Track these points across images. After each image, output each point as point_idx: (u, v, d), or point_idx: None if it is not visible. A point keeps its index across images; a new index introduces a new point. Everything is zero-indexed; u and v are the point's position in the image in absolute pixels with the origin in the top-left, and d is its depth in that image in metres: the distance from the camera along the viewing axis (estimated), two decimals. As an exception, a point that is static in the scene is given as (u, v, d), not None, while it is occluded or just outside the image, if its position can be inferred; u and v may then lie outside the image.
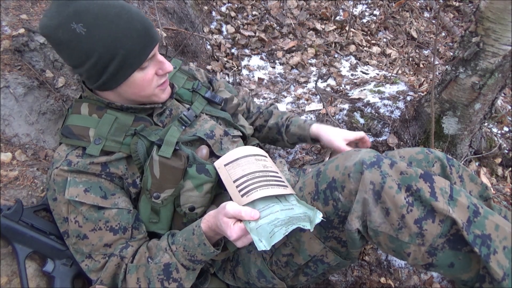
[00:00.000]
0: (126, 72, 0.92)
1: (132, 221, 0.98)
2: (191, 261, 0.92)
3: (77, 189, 0.92)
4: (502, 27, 1.32)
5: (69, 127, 0.98)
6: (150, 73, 0.96)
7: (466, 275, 0.79)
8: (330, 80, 2.37)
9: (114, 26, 0.86)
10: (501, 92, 1.52)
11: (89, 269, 0.95)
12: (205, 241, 0.89)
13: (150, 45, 0.92)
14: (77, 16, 0.84)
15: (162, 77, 1.00)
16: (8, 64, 1.36)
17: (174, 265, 0.92)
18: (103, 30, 0.85)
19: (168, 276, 0.91)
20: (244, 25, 2.71)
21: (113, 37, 0.86)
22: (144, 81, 0.95)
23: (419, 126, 1.76)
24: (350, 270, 1.40)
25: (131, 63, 0.91)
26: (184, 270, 0.92)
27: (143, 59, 0.92)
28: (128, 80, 0.94)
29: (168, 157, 0.94)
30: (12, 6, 1.53)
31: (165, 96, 1.04)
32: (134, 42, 0.88)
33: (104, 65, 0.89)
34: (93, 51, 0.87)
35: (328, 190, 0.86)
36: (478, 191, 0.98)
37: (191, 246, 0.91)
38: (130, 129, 0.99)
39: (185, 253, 0.91)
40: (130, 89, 0.96)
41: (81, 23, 0.84)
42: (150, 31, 0.92)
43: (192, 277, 0.95)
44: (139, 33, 0.89)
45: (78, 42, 0.85)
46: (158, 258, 0.93)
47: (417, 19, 3.13)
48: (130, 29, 0.87)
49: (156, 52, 0.95)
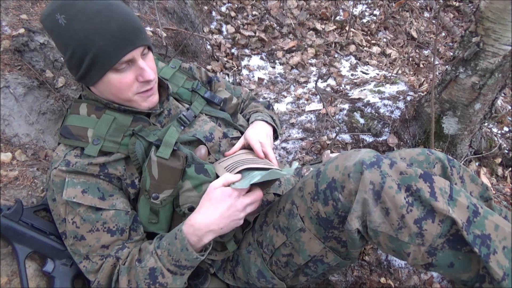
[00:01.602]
0: (99, 71, 0.90)
1: (130, 222, 0.98)
2: (177, 266, 0.91)
3: (75, 190, 0.92)
4: (502, 27, 1.32)
5: (67, 127, 0.98)
6: (129, 77, 0.93)
7: (466, 275, 0.79)
8: (330, 80, 2.37)
9: (90, 23, 0.85)
10: (501, 92, 1.52)
11: (87, 270, 0.95)
12: (187, 246, 0.88)
13: (124, 48, 0.88)
14: (63, 7, 0.86)
15: (145, 85, 0.96)
16: (8, 64, 1.36)
17: (159, 269, 0.91)
18: (80, 25, 0.85)
19: (154, 280, 0.91)
20: (244, 25, 2.71)
21: (86, 33, 0.86)
22: (121, 84, 0.93)
23: (419, 126, 1.76)
24: (350, 270, 1.40)
25: (102, 62, 0.89)
26: (170, 275, 0.91)
27: (115, 61, 0.88)
28: (104, 79, 0.92)
29: (166, 158, 0.94)
30: (12, 6, 1.53)
31: (146, 105, 1.00)
32: (106, 42, 0.86)
33: (79, 60, 0.89)
34: (69, 44, 0.88)
35: (328, 190, 0.86)
36: (478, 192, 0.98)
37: (174, 251, 0.90)
38: (128, 129, 0.99)
39: (170, 258, 0.90)
40: (108, 89, 0.95)
41: (63, 15, 0.85)
42: (128, 34, 0.88)
43: (179, 282, 0.94)
44: (113, 34, 0.86)
45: (59, 33, 0.88)
46: (145, 261, 0.92)
47: (417, 19, 3.13)
48: (105, 28, 0.86)
49: (136, 56, 0.91)
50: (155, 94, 1.01)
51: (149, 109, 1.03)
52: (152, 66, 0.97)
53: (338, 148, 1.79)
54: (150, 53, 0.97)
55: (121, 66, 0.91)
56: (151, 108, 1.03)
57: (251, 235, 1.06)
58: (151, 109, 1.04)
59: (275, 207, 1.01)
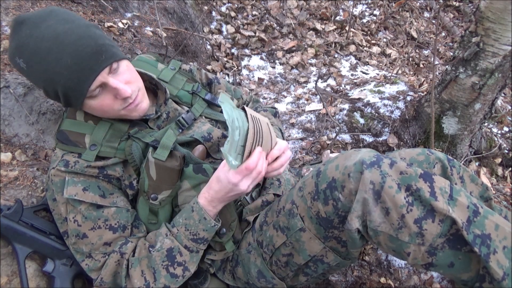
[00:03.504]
0: (76, 101, 0.89)
1: (131, 219, 0.99)
2: (194, 240, 0.94)
3: (75, 188, 0.93)
4: (502, 27, 1.32)
5: (64, 132, 0.97)
6: (107, 99, 0.90)
7: (466, 274, 0.79)
8: (330, 80, 2.37)
9: (45, 64, 0.82)
10: (501, 92, 1.52)
11: (89, 268, 0.95)
12: (205, 215, 0.92)
13: (86, 78, 0.84)
14: (18, 51, 0.84)
15: (127, 100, 0.92)
16: (8, 64, 1.36)
17: (176, 248, 0.93)
18: (38, 67, 0.84)
19: (173, 261, 0.93)
20: (244, 25, 2.71)
21: (47, 74, 0.84)
22: (102, 107, 0.91)
23: (419, 126, 1.76)
24: (350, 270, 1.40)
25: (74, 96, 0.87)
26: (187, 252, 0.94)
27: (84, 93, 0.86)
28: (85, 105, 0.91)
29: (163, 160, 0.94)
30: (12, 6, 1.53)
31: (136, 114, 0.98)
32: (66, 78, 0.83)
33: (54, 95, 0.89)
34: (38, 84, 0.88)
35: (328, 190, 0.86)
36: (478, 192, 0.98)
37: (192, 224, 0.93)
38: (125, 134, 0.99)
39: (187, 232, 0.93)
40: (94, 111, 0.94)
41: (22, 59, 0.84)
42: (86, 63, 0.83)
43: (196, 260, 0.97)
44: (69, 69, 0.82)
45: (26, 74, 0.88)
46: (159, 244, 0.94)
47: (417, 19, 3.13)
48: (59, 65, 0.82)
49: (104, 79, 0.87)
50: (143, 101, 0.97)
51: (142, 117, 1.02)
52: (129, 78, 0.92)
53: (338, 148, 1.79)
54: (122, 62, 0.91)
55: (93, 93, 0.88)
56: (144, 115, 1.01)
57: (251, 235, 1.06)
58: (145, 115, 1.03)
59: (275, 207, 1.01)
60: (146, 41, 1.96)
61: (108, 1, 1.98)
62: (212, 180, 0.94)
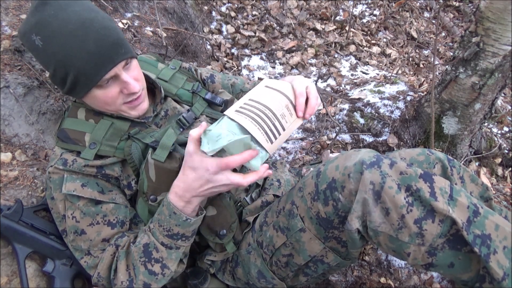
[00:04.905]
0: (83, 89, 0.90)
1: (130, 215, 0.99)
2: (169, 236, 0.91)
3: (74, 184, 0.93)
4: (502, 27, 1.32)
5: (65, 130, 0.98)
6: (113, 91, 0.93)
7: (466, 275, 0.79)
8: (330, 80, 2.37)
9: (66, 44, 0.83)
10: (501, 92, 1.52)
11: (88, 266, 0.95)
12: (174, 210, 0.88)
13: (104, 67, 0.87)
14: (38, 28, 0.84)
15: (131, 95, 0.95)
16: (8, 64, 1.36)
17: (152, 244, 0.91)
18: (56, 47, 0.84)
19: (149, 257, 0.91)
20: (244, 25, 2.71)
21: (64, 55, 0.84)
22: (106, 98, 0.93)
23: (419, 126, 1.76)
24: (350, 270, 1.40)
25: (85, 82, 0.88)
26: (163, 248, 0.91)
27: (96, 80, 0.88)
28: (89, 95, 0.92)
29: (162, 161, 0.94)
30: (12, 6, 1.53)
31: (135, 113, 1.00)
32: (85, 63, 0.84)
33: (62, 79, 0.89)
34: (49, 64, 0.88)
35: (328, 190, 0.86)
36: (478, 192, 0.98)
37: (163, 219, 0.90)
38: (125, 134, 0.99)
39: (161, 228, 0.91)
40: (94, 102, 0.95)
41: (39, 36, 0.84)
42: (107, 52, 0.86)
43: (175, 257, 0.94)
44: (91, 54, 0.84)
45: (37, 53, 0.87)
46: (138, 240, 0.93)
47: (417, 19, 3.13)
48: (82, 49, 0.83)
49: (118, 72, 0.90)
50: (144, 101, 1.00)
51: (140, 117, 1.02)
52: (137, 75, 0.95)
53: (338, 148, 1.79)
54: (133, 61, 0.95)
55: (104, 82, 0.90)
56: (142, 115, 1.03)
57: (250, 235, 1.06)
58: (143, 117, 1.04)
59: (275, 207, 1.01)
60: (146, 41, 1.96)
61: (108, 1, 1.98)
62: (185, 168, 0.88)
